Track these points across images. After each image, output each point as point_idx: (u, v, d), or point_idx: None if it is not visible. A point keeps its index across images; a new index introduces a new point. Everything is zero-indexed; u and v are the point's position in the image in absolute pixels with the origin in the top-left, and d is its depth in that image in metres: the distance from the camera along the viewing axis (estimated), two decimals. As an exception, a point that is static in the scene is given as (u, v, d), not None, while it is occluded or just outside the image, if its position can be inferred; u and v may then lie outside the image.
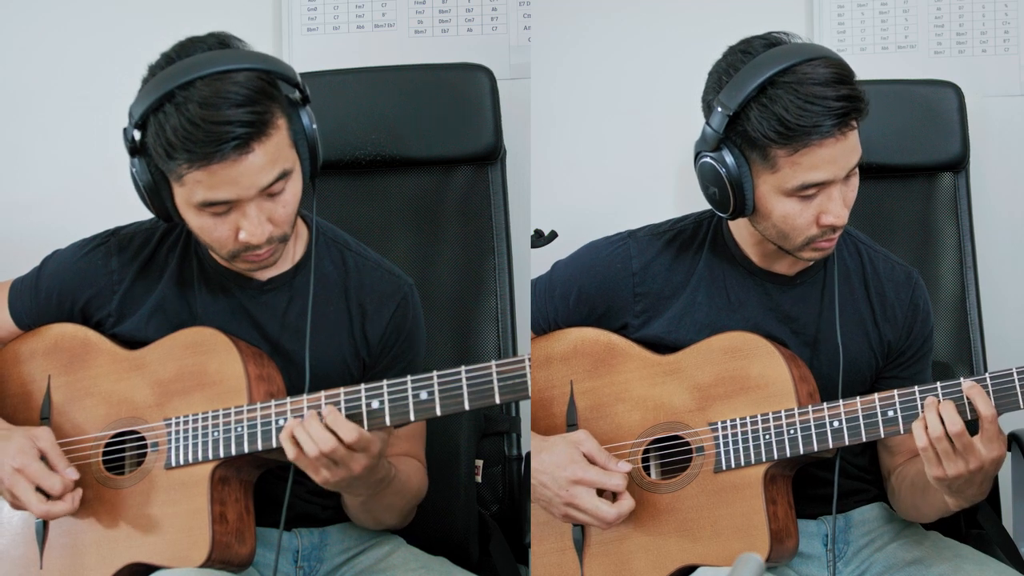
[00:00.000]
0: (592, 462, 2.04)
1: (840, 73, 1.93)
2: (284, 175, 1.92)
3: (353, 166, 2.61)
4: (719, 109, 1.95)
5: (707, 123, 1.98)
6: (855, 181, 2.00)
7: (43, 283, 2.14)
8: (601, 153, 2.82)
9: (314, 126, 1.97)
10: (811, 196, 1.96)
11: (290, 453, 1.87)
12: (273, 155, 1.89)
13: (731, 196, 1.98)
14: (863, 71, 2.12)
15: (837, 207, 1.97)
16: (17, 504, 1.98)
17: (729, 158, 1.97)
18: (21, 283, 2.17)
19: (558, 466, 2.03)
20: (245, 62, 1.89)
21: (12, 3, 2.77)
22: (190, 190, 1.89)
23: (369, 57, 2.73)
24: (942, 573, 2.04)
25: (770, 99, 1.92)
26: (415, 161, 2.61)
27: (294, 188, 1.95)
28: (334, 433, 1.85)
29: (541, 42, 2.76)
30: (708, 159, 1.99)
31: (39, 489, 1.96)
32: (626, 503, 2.02)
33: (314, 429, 1.85)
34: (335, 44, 2.78)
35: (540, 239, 2.54)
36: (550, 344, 2.16)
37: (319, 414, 1.86)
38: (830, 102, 1.91)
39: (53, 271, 2.14)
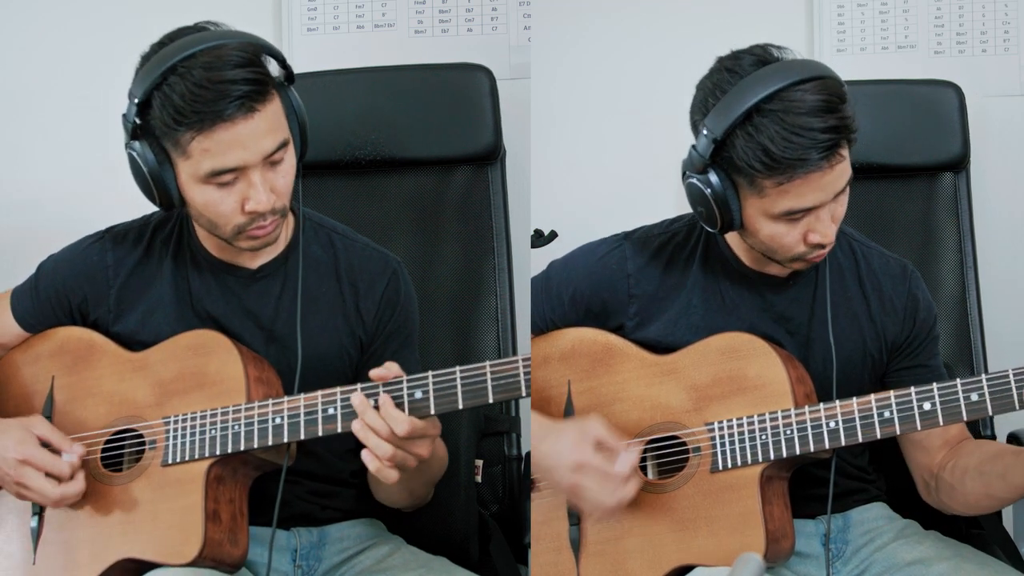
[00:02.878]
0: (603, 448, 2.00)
1: (828, 100, 1.89)
2: (285, 144, 1.98)
3: (353, 166, 2.61)
4: (705, 132, 1.93)
5: (694, 145, 1.97)
6: (845, 196, 1.98)
7: (42, 284, 2.16)
8: (601, 153, 2.82)
9: (301, 104, 2.03)
10: (799, 218, 1.95)
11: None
12: (273, 121, 1.95)
13: (718, 216, 1.98)
14: (863, 71, 2.12)
15: (824, 226, 1.96)
16: (26, 495, 2.00)
17: (715, 180, 1.95)
18: (21, 288, 2.19)
19: (561, 454, 1.99)
20: (238, 38, 1.96)
21: (12, 3, 2.78)
22: (196, 162, 1.93)
23: (369, 57, 2.73)
24: (942, 573, 2.03)
25: (756, 128, 1.89)
26: (415, 161, 2.61)
27: (291, 160, 2.01)
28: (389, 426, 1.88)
29: (541, 42, 2.76)
30: (695, 180, 1.97)
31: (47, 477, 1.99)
32: (631, 485, 1.98)
33: (389, 412, 1.88)
34: (335, 44, 2.78)
35: (540, 239, 2.54)
36: (548, 344, 2.16)
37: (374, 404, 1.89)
38: (817, 134, 1.87)
39: (51, 271, 2.17)
